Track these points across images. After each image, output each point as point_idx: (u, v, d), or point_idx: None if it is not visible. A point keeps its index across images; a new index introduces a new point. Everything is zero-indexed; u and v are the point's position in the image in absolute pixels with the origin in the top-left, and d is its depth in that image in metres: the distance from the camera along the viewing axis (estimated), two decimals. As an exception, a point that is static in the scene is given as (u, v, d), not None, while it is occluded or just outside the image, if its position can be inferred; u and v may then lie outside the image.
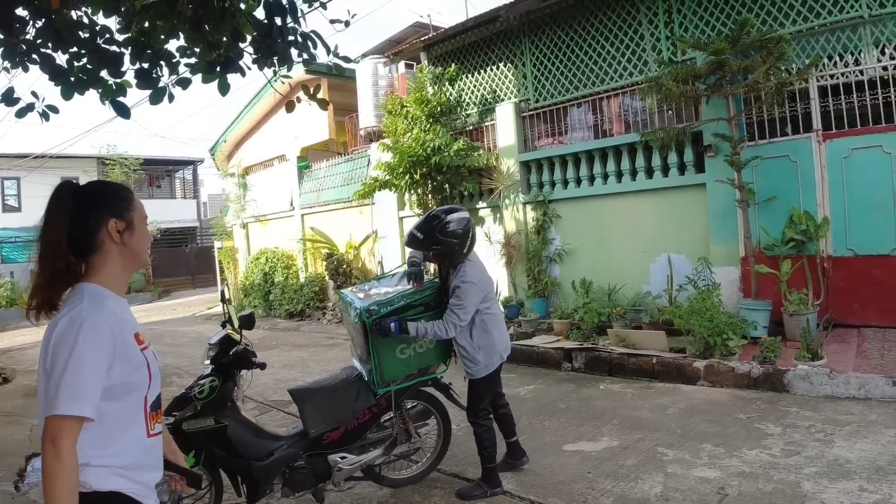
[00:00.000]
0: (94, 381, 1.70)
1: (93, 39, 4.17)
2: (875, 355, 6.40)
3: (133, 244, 1.92)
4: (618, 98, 9.80)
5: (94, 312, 1.76)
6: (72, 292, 1.83)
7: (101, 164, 26.05)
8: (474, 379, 4.35)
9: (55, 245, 1.82)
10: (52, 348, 1.71)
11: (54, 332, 1.73)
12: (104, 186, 2.00)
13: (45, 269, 1.83)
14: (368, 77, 13.62)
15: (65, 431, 1.66)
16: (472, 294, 4.13)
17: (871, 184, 7.37)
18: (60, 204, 1.86)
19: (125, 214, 1.91)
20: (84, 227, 1.85)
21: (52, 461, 1.64)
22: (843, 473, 4.16)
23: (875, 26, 7.27)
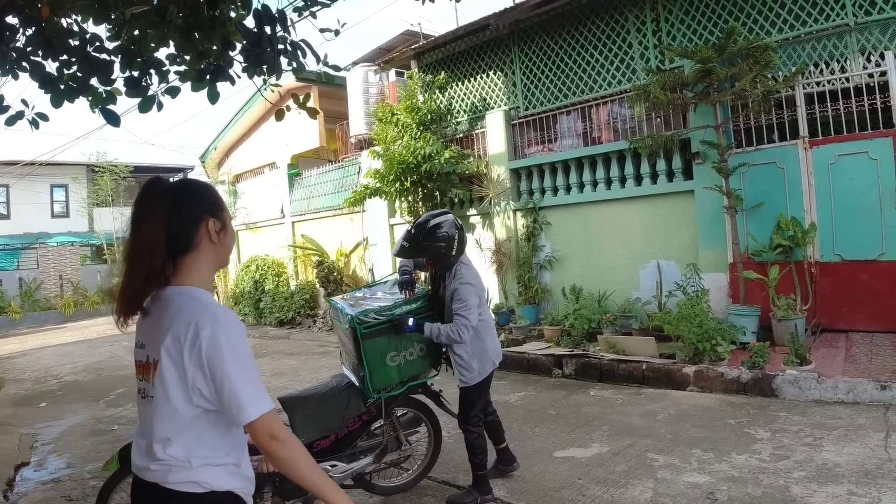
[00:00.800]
0: (258, 374, 1.77)
1: (83, 47, 4.17)
2: (863, 359, 6.45)
3: (227, 244, 1.93)
4: (607, 106, 9.85)
5: (225, 317, 1.76)
6: (180, 301, 1.79)
7: (90, 171, 25.91)
8: (468, 386, 4.36)
9: (153, 243, 1.77)
10: (208, 367, 1.70)
11: (202, 351, 1.70)
12: (200, 185, 1.96)
13: (139, 269, 1.78)
14: (359, 85, 13.63)
15: (274, 422, 1.73)
16: (472, 294, 4.20)
17: (858, 190, 7.44)
18: (157, 200, 1.81)
19: (220, 214, 1.90)
20: (183, 225, 1.82)
21: (286, 452, 1.72)
22: (831, 477, 4.18)
23: (861, 34, 7.35)
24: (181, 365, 1.71)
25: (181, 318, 1.74)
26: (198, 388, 1.72)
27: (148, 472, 1.78)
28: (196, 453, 1.75)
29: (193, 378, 1.71)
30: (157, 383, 1.74)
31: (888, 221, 7.26)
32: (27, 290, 22.03)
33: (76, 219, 26.99)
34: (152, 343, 1.80)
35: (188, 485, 1.74)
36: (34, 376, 10.84)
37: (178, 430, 1.75)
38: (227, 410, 1.72)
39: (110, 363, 11.64)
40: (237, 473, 1.83)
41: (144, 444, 1.82)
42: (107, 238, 24.97)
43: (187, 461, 1.75)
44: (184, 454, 1.75)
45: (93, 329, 18.11)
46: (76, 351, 13.73)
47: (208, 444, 1.77)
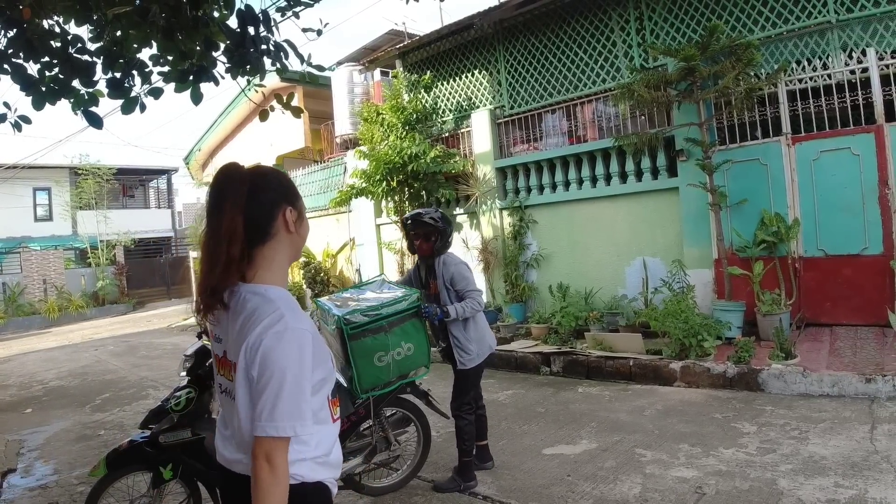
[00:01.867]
0: (308, 396, 1.67)
1: (64, 49, 4.14)
2: (847, 353, 6.52)
3: (303, 234, 1.87)
4: (591, 104, 9.89)
5: (296, 321, 1.68)
6: (252, 299, 1.73)
7: (73, 174, 25.70)
8: (465, 370, 4.48)
9: (231, 230, 1.69)
10: (259, 361, 1.63)
11: (259, 344, 1.63)
12: (277, 172, 1.89)
13: (218, 258, 1.70)
14: (344, 85, 13.62)
15: (280, 450, 1.63)
16: (468, 271, 4.52)
17: (840, 185, 7.51)
18: (237, 185, 1.74)
19: (297, 203, 1.84)
20: (261, 212, 1.75)
21: (268, 479, 1.61)
22: (818, 470, 4.22)
23: (842, 31, 7.42)
24: (250, 372, 1.66)
25: (254, 322, 1.68)
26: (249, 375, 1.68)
27: (239, 464, 1.76)
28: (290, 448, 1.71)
29: (247, 367, 1.67)
30: (237, 385, 1.70)
31: (870, 216, 7.34)
32: (10, 295, 21.80)
33: (59, 222, 26.75)
34: (231, 343, 1.75)
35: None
36: (19, 382, 10.73)
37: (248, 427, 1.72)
38: (254, 412, 1.65)
39: (95, 368, 11.53)
40: (326, 464, 1.81)
41: (230, 436, 1.80)
42: (91, 241, 24.77)
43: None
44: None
45: (77, 333, 17.95)
46: (61, 356, 13.60)
47: (295, 441, 1.69)
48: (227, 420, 1.84)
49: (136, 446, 3.65)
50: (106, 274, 24.44)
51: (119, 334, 17.01)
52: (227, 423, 1.84)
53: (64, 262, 24.36)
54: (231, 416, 1.79)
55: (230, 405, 1.78)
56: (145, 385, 9.41)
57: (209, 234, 1.73)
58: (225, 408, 1.87)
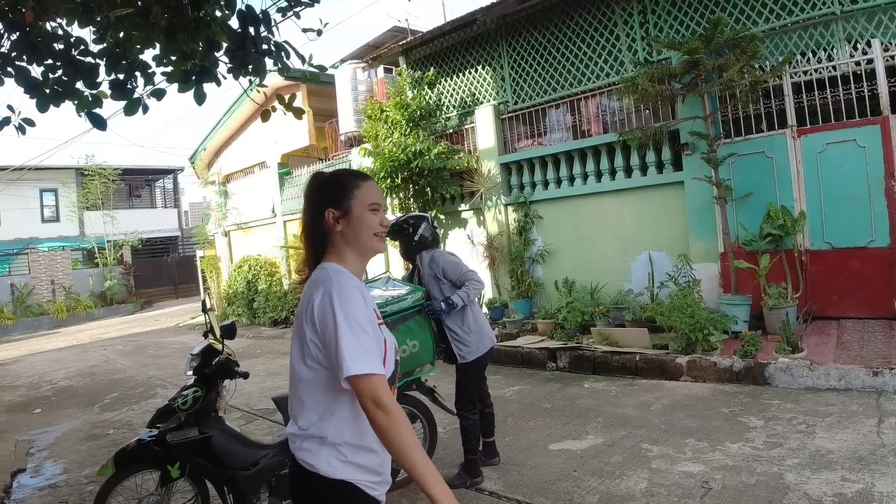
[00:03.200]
0: (369, 339, 1.79)
1: (67, 51, 4.15)
2: (854, 346, 6.49)
3: (350, 231, 1.99)
4: (595, 99, 9.87)
5: (340, 280, 1.86)
6: (316, 272, 1.96)
7: (79, 174, 25.79)
8: (465, 363, 4.51)
9: (307, 232, 2.01)
10: (318, 325, 1.81)
11: (314, 309, 1.82)
12: (324, 177, 2.08)
13: (305, 252, 2.03)
14: (347, 82, 13.61)
15: (380, 392, 1.73)
16: (455, 257, 4.62)
17: (846, 177, 7.47)
18: (309, 193, 2.04)
19: (343, 203, 1.99)
20: (312, 216, 2.01)
21: (386, 421, 1.71)
22: (825, 464, 4.20)
23: (847, 22, 7.38)
24: (301, 325, 1.87)
25: (308, 286, 1.92)
26: (311, 345, 1.84)
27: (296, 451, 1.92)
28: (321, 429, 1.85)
29: (310, 336, 1.83)
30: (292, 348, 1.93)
31: (877, 208, 7.30)
32: (19, 296, 21.94)
33: (66, 223, 26.89)
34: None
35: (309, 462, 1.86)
36: (28, 382, 10.80)
37: (306, 393, 1.89)
38: (334, 368, 1.78)
39: (104, 367, 11.60)
40: (358, 463, 1.87)
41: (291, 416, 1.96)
42: (98, 241, 24.87)
43: (315, 435, 1.86)
44: (308, 424, 1.87)
45: (86, 333, 18.05)
46: (70, 356, 13.69)
47: (332, 425, 1.85)
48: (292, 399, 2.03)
49: (143, 445, 3.67)
50: (113, 274, 24.57)
51: (127, 334, 17.10)
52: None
53: (71, 263, 24.50)
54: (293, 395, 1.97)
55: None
56: (153, 384, 9.46)
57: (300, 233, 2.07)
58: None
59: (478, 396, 4.68)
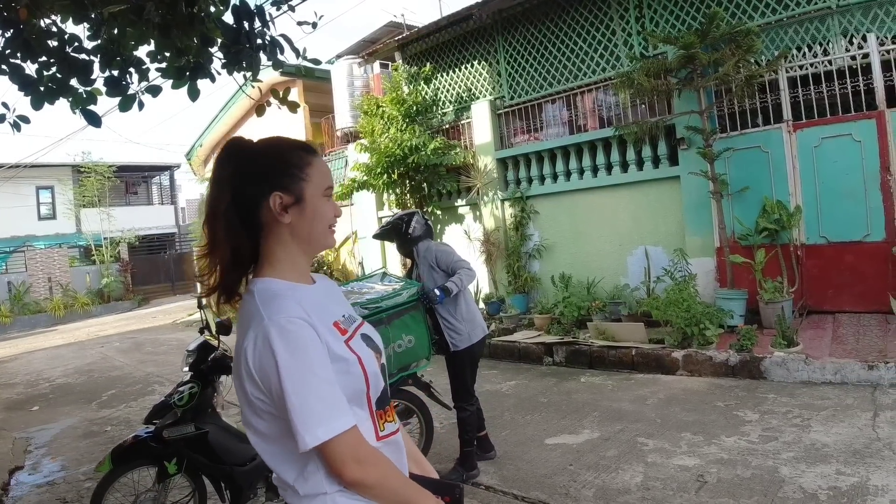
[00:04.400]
0: (328, 387, 1.38)
1: (62, 48, 4.13)
2: (850, 340, 6.52)
3: (304, 224, 1.51)
4: (591, 93, 9.87)
5: (276, 314, 1.38)
6: (244, 299, 1.49)
7: (76, 172, 25.73)
8: (457, 352, 4.54)
9: (230, 221, 1.46)
10: (260, 381, 1.37)
11: (249, 363, 1.38)
12: (269, 148, 1.54)
13: (220, 249, 1.47)
14: (343, 78, 13.60)
15: (354, 446, 1.38)
16: (448, 247, 4.70)
17: (842, 172, 7.49)
18: (235, 168, 1.48)
19: (294, 186, 1.49)
20: (245, 200, 1.47)
21: (364, 480, 1.39)
22: (820, 458, 4.23)
23: (843, 16, 7.38)
24: (240, 382, 1.42)
25: (239, 324, 1.47)
26: (258, 402, 1.41)
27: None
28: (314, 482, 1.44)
29: (253, 394, 1.40)
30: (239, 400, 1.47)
31: (872, 203, 7.32)
32: (16, 294, 21.89)
33: (63, 220, 26.81)
34: None
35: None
36: (26, 380, 10.79)
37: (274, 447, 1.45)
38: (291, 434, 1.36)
39: (101, 364, 11.60)
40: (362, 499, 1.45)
41: None
42: (95, 239, 24.83)
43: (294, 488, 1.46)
44: (294, 482, 1.45)
45: (83, 331, 18.03)
46: (67, 353, 13.67)
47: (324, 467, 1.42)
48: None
49: (140, 442, 3.68)
50: (111, 271, 24.53)
51: (125, 331, 17.08)
52: None
53: (68, 261, 24.45)
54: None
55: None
56: (151, 381, 9.46)
57: (206, 226, 1.50)
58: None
59: (472, 385, 4.71)
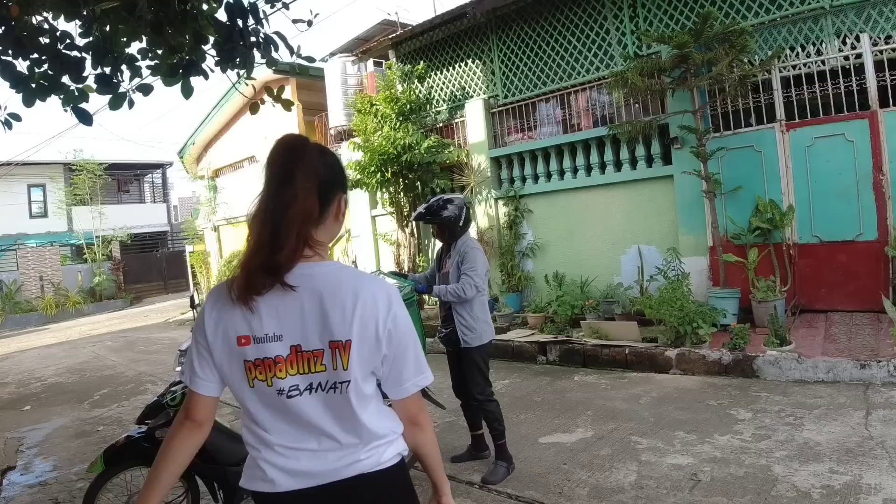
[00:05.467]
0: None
1: (53, 45, 4.10)
2: (842, 339, 6.54)
3: (338, 226, 1.76)
4: (585, 93, 9.88)
5: (390, 285, 1.70)
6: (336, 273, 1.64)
7: (67, 170, 25.59)
8: (468, 349, 4.53)
9: (308, 209, 1.60)
10: (393, 335, 1.62)
11: (389, 312, 1.61)
12: (336, 156, 1.80)
13: (288, 235, 1.56)
14: (337, 76, 13.55)
15: (424, 407, 1.75)
16: (479, 259, 4.55)
17: (835, 171, 7.52)
18: (318, 167, 1.66)
19: (346, 191, 1.80)
20: (323, 196, 1.65)
21: (427, 438, 1.74)
22: (813, 456, 4.23)
23: (836, 16, 7.40)
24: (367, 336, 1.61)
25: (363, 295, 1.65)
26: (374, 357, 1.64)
27: (354, 466, 1.64)
28: (387, 424, 1.71)
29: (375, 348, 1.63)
30: (357, 365, 1.60)
31: (865, 202, 7.35)
32: (8, 293, 21.77)
33: (55, 219, 26.69)
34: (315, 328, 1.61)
35: (398, 455, 1.72)
36: (17, 379, 10.73)
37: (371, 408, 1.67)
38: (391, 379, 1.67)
39: (94, 364, 11.54)
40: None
41: (330, 447, 1.64)
42: (87, 237, 24.71)
43: (392, 432, 1.71)
44: (387, 427, 1.70)
45: (75, 330, 17.95)
46: (59, 352, 13.60)
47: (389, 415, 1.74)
48: (317, 429, 1.63)
49: (132, 442, 3.66)
50: (102, 270, 24.42)
51: (117, 330, 17.01)
52: (317, 434, 1.64)
53: (60, 259, 24.31)
54: (338, 412, 1.63)
55: (328, 401, 1.62)
56: (143, 380, 9.42)
57: (278, 207, 1.58)
58: (312, 412, 1.62)
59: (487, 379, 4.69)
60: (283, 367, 1.59)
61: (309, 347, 1.58)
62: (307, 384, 1.60)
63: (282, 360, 1.58)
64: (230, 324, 1.60)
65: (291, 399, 1.60)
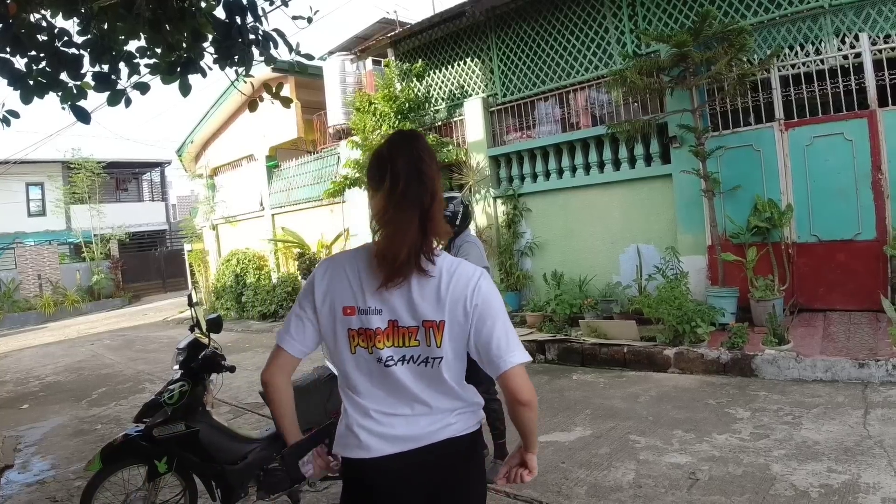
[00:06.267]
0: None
1: (51, 42, 4.09)
2: (841, 338, 6.54)
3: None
4: (584, 91, 9.87)
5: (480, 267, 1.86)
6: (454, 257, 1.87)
7: (66, 168, 25.56)
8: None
9: (439, 195, 1.81)
10: (482, 306, 1.76)
11: (480, 290, 1.77)
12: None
13: (430, 223, 1.77)
14: (336, 74, 13.54)
15: (528, 384, 1.82)
16: (472, 252, 4.43)
17: (833, 171, 7.51)
18: (432, 155, 1.84)
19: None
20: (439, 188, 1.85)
21: (532, 415, 1.84)
22: (811, 455, 4.24)
23: (835, 15, 7.40)
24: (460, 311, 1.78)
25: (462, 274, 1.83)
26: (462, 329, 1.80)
27: (446, 430, 1.82)
28: (471, 395, 1.90)
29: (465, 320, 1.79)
30: (451, 341, 1.79)
31: (863, 201, 7.35)
32: (6, 291, 21.74)
33: (53, 217, 26.68)
34: (422, 305, 1.79)
35: (478, 423, 1.92)
36: (15, 378, 10.72)
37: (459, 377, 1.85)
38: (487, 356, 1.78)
39: (92, 362, 11.54)
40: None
41: (421, 412, 1.82)
42: (85, 235, 24.68)
43: (475, 402, 1.91)
44: (471, 397, 1.90)
45: (73, 328, 17.94)
46: (57, 351, 13.59)
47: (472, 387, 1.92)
48: (411, 396, 1.82)
49: (130, 440, 3.64)
50: (101, 268, 24.40)
51: (115, 328, 17.00)
52: (410, 400, 1.82)
53: (58, 258, 24.29)
54: (431, 382, 1.82)
55: (421, 372, 1.81)
56: (142, 379, 9.41)
57: (424, 199, 1.74)
58: (407, 380, 1.81)
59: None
60: (381, 338, 1.77)
61: (405, 324, 1.77)
62: (401, 356, 1.78)
63: (381, 333, 1.77)
64: (338, 295, 1.80)
65: (389, 368, 1.78)
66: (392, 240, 1.72)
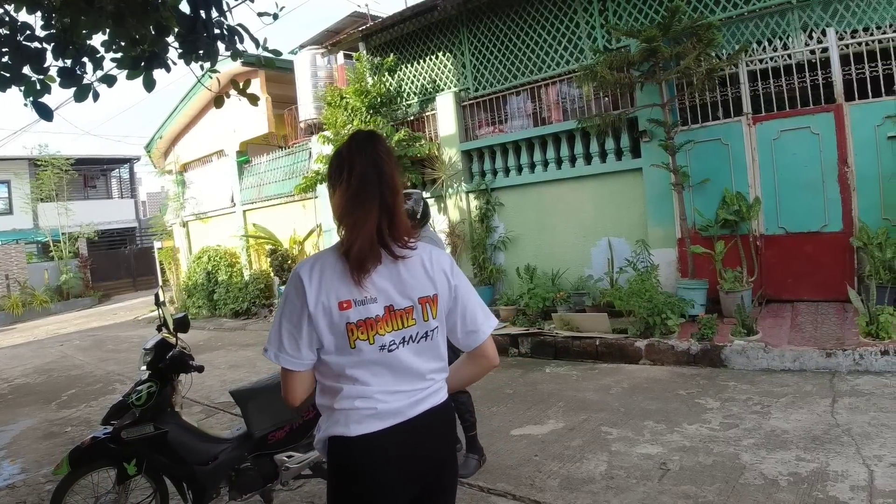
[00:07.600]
0: None
1: (13, 36, 4.00)
2: (808, 328, 6.65)
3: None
4: (555, 86, 9.90)
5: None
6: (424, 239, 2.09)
7: (33, 165, 25.07)
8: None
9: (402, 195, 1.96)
10: (458, 281, 1.97)
11: (453, 267, 1.98)
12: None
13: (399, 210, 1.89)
14: (307, 68, 13.42)
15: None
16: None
17: (801, 164, 7.62)
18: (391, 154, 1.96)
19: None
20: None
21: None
22: (780, 444, 4.30)
23: (803, 11, 7.50)
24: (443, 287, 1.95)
25: (438, 255, 2.02)
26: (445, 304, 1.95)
27: (422, 403, 1.89)
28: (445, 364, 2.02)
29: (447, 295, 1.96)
30: (444, 313, 1.95)
31: (830, 194, 7.47)
32: (-29, 292, 21.32)
33: (20, 215, 26.17)
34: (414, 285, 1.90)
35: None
36: (-19, 379, 10.51)
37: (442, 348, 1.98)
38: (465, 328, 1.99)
39: (61, 363, 11.35)
40: None
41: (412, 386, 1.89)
42: (53, 234, 24.24)
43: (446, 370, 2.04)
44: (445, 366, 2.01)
45: (42, 329, 17.63)
46: (26, 352, 13.35)
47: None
48: (415, 372, 1.89)
49: (98, 443, 3.58)
50: (69, 267, 24.00)
51: (85, 328, 16.74)
52: (412, 377, 1.89)
53: (26, 257, 23.84)
54: (429, 354, 1.92)
55: (420, 348, 1.90)
56: (112, 379, 9.28)
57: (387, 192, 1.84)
58: (409, 359, 1.88)
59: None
60: (382, 324, 1.82)
61: (400, 307, 1.84)
62: (401, 338, 1.85)
63: (381, 319, 1.82)
64: (331, 292, 1.80)
65: (392, 352, 1.84)
66: (354, 234, 1.80)
